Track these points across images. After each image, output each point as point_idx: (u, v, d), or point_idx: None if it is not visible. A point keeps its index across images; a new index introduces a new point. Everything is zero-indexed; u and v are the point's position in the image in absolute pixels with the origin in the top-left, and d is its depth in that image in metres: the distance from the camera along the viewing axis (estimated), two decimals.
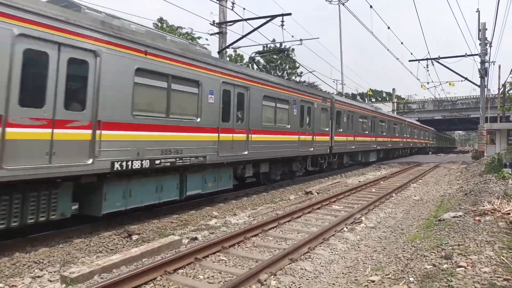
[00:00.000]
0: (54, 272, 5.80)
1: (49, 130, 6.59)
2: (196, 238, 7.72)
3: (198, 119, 10.00)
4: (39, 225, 7.02)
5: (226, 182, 11.66)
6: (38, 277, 5.63)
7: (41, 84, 6.55)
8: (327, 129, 18.68)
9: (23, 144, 6.22)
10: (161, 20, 29.74)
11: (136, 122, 8.18)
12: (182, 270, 5.87)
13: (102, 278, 5.44)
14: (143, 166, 8.31)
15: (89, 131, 7.25)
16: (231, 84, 11.41)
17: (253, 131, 12.41)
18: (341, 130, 20.36)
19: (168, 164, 8.95)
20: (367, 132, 25.75)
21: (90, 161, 7.23)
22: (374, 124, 27.39)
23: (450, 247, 5.93)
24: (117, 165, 7.72)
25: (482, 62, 28.00)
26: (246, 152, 11.97)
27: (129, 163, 7.99)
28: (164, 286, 5.29)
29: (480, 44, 28.20)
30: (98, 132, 7.34)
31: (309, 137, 16.51)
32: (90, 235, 7.78)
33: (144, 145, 8.35)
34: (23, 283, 5.40)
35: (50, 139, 6.59)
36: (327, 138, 18.56)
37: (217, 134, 10.64)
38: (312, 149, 16.83)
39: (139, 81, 8.34)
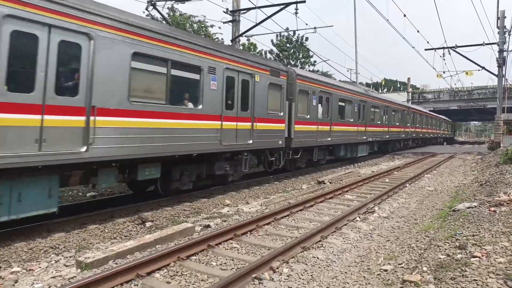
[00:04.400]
0: (70, 257, 5.93)
1: None
2: (208, 226, 7.78)
3: None
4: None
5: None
6: (55, 261, 5.77)
7: None
8: (281, 113, 13.66)
9: None
10: (172, 8, 29.55)
11: None
12: (195, 257, 5.93)
13: (116, 263, 5.53)
14: None
15: None
16: (39, 24, 6.35)
17: (106, 111, 7.44)
18: (309, 116, 15.61)
19: None
20: (352, 120, 20.37)
21: None
22: (363, 110, 22.13)
23: (465, 238, 5.86)
24: None
25: (501, 51, 27.37)
26: (83, 149, 7.02)
27: None
28: (177, 272, 5.35)
29: (498, 32, 27.53)
30: None
31: (245, 124, 11.69)
32: (104, 221, 7.90)
33: None
34: (40, 267, 5.54)
35: None
36: (280, 126, 13.60)
37: None
38: (251, 141, 11.97)
39: None
